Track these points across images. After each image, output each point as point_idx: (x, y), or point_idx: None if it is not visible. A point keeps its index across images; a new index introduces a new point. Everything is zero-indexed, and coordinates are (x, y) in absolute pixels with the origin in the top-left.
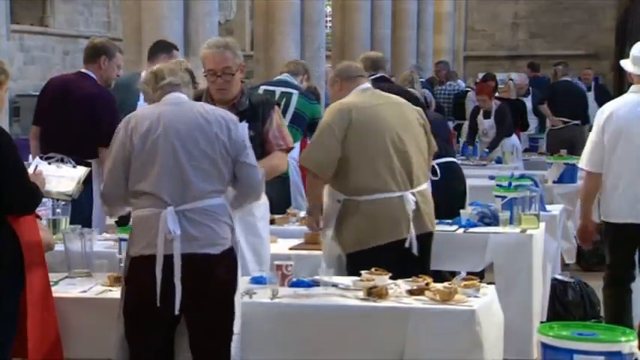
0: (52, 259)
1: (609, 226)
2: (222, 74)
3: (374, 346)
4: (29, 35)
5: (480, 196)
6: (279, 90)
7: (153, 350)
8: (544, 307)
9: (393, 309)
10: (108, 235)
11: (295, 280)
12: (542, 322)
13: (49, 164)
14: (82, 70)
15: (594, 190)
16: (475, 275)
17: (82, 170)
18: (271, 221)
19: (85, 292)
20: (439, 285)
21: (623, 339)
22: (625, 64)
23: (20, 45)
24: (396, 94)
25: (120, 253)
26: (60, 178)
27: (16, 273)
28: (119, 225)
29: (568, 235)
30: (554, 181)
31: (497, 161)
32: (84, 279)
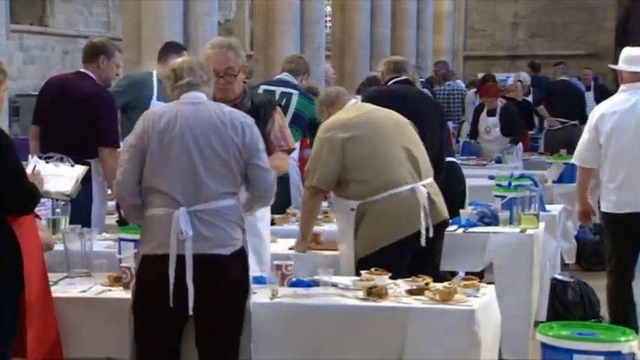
0: (52, 258)
1: (609, 218)
2: (225, 75)
3: (373, 346)
4: (29, 35)
5: (480, 196)
6: (279, 90)
7: (162, 349)
8: (542, 307)
9: (392, 309)
10: (107, 235)
11: (295, 280)
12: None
13: (47, 163)
14: (81, 70)
15: (586, 182)
16: (475, 275)
17: (80, 169)
18: (271, 221)
19: (85, 291)
20: (439, 285)
21: (622, 339)
22: (619, 64)
23: (20, 45)
24: (415, 97)
25: (120, 253)
26: (58, 177)
27: (15, 273)
28: (120, 225)
29: (568, 235)
30: (553, 181)
31: (497, 161)
32: (83, 279)
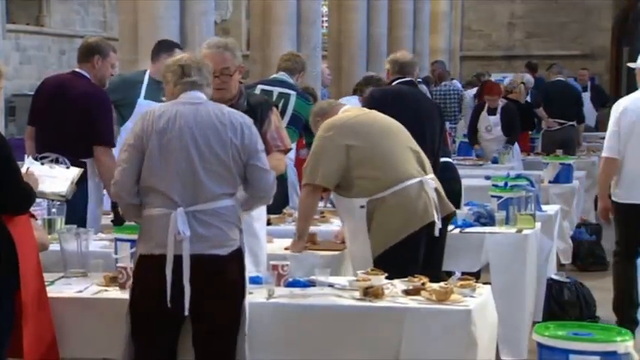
0: (48, 259)
1: (622, 207)
2: (221, 75)
3: (370, 346)
4: (25, 35)
5: (476, 196)
6: (276, 90)
7: (159, 349)
8: (538, 307)
9: (389, 309)
10: (103, 235)
11: (291, 280)
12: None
13: (42, 164)
14: (77, 70)
15: (610, 175)
16: (471, 275)
17: (75, 171)
18: (268, 221)
19: (81, 292)
20: (435, 285)
21: (618, 339)
22: (637, 63)
23: (16, 44)
24: (417, 99)
25: (116, 253)
26: (53, 178)
27: (11, 273)
28: (115, 225)
29: (564, 236)
30: (550, 181)
31: (494, 161)
32: (80, 279)
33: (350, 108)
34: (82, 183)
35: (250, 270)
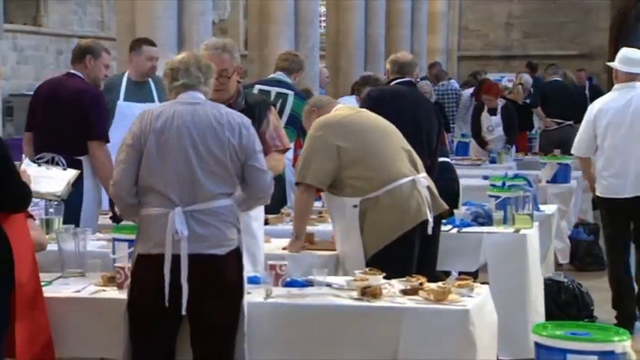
0: (46, 258)
1: (605, 202)
2: (219, 76)
3: (368, 346)
4: (22, 35)
5: (474, 196)
6: (274, 90)
7: (157, 349)
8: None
9: (386, 309)
10: (101, 235)
11: (289, 280)
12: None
13: (38, 166)
14: (71, 71)
15: (588, 169)
16: (469, 275)
17: (71, 172)
18: (265, 221)
19: (79, 291)
20: (433, 285)
21: (616, 338)
22: (615, 64)
23: (14, 44)
24: (415, 99)
25: (113, 253)
26: (50, 179)
27: (5, 272)
28: (114, 221)
29: (562, 235)
30: (547, 181)
31: (492, 161)
32: (77, 279)
33: (342, 107)
34: (78, 182)
35: (248, 270)
